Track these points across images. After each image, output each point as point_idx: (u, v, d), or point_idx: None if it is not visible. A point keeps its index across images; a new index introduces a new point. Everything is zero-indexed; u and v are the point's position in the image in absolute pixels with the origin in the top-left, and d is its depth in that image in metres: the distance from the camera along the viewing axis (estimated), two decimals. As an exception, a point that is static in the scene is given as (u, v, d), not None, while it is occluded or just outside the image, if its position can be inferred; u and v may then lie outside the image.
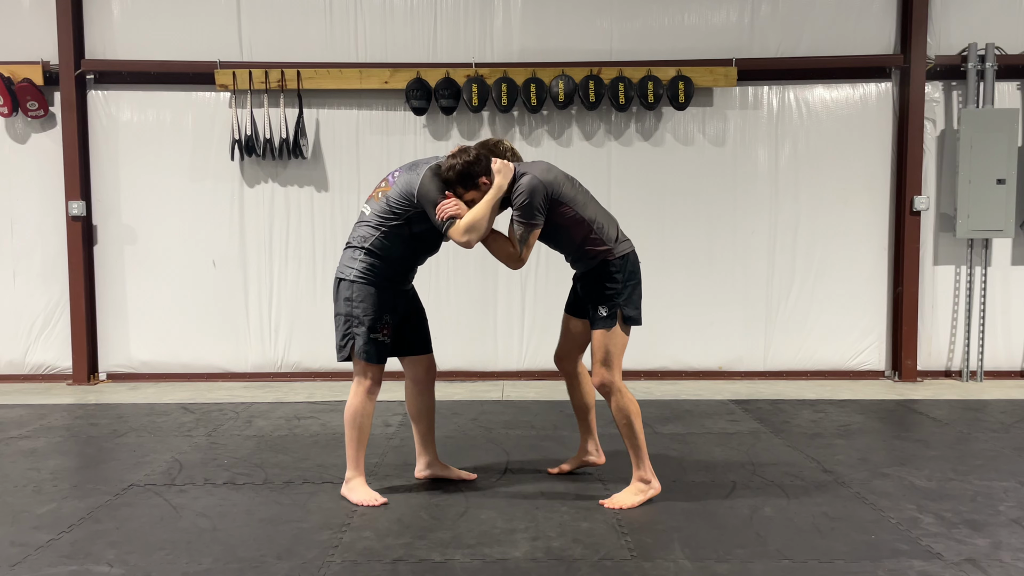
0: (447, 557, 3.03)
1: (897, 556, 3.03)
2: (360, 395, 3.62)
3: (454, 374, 6.70)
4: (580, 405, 3.96)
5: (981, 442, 4.67)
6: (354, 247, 3.59)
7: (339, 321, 3.60)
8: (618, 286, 3.55)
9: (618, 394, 3.58)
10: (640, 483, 3.63)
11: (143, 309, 6.75)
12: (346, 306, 3.56)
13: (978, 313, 6.69)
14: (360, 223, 3.62)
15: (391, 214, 3.53)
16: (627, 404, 3.58)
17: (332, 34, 6.64)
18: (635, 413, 3.59)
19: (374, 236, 3.54)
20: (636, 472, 3.64)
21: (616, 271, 3.56)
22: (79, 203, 6.53)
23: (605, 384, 3.58)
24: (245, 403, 5.87)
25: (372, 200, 3.62)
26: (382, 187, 3.61)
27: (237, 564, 2.99)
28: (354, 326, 3.55)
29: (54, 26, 6.50)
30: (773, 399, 5.94)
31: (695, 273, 6.72)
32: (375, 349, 3.57)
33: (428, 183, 3.47)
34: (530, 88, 6.37)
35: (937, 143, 6.70)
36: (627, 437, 3.60)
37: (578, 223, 3.53)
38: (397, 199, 3.52)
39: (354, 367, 3.63)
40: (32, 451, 4.57)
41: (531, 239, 3.49)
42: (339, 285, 3.60)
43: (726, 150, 6.70)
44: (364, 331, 3.54)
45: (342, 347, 3.60)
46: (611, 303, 3.54)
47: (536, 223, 3.47)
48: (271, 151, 6.53)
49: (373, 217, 3.56)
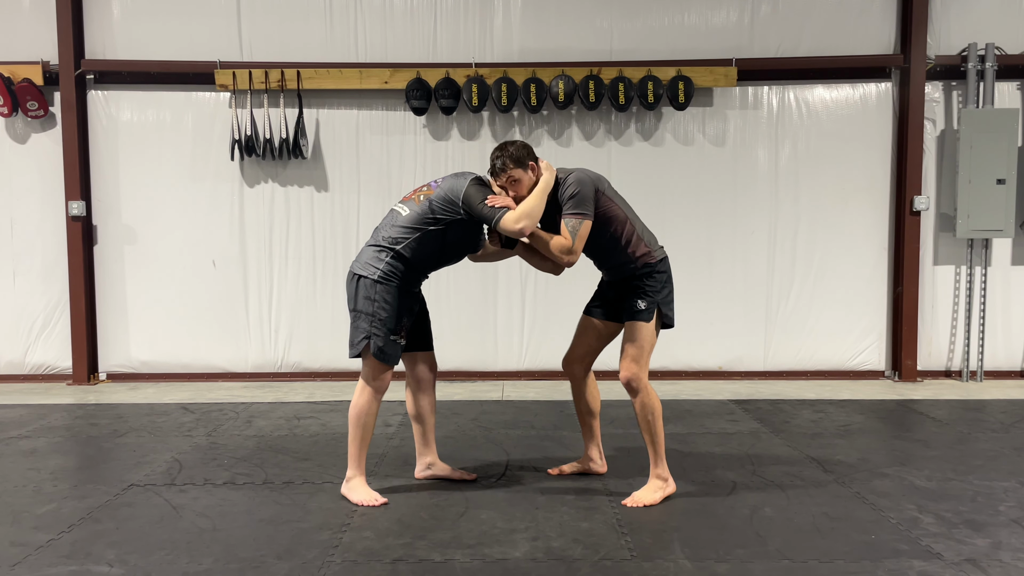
0: (447, 557, 3.03)
1: (897, 556, 3.02)
2: (367, 395, 3.62)
3: (454, 374, 6.70)
4: (587, 411, 3.95)
5: (981, 442, 4.67)
6: (382, 247, 3.55)
7: (358, 318, 3.56)
8: (658, 285, 3.61)
9: (644, 391, 3.60)
10: (658, 480, 3.65)
11: (143, 309, 6.75)
12: (368, 305, 3.53)
13: (978, 313, 6.69)
14: (392, 224, 3.58)
15: (431, 217, 3.53)
16: (652, 402, 3.61)
17: (332, 34, 6.64)
18: (659, 411, 3.62)
19: (408, 239, 3.53)
20: (654, 470, 3.65)
21: (657, 271, 3.62)
22: (79, 203, 6.53)
23: (634, 379, 3.58)
24: (245, 403, 5.87)
25: (410, 202, 3.60)
26: (424, 191, 3.60)
27: (237, 564, 2.99)
28: (375, 327, 3.53)
29: (54, 26, 6.50)
30: (773, 399, 5.94)
31: (695, 273, 6.72)
32: (393, 351, 3.57)
33: (472, 188, 3.50)
34: (530, 88, 6.37)
35: (937, 143, 6.70)
36: (648, 434, 3.62)
37: (622, 221, 3.59)
38: (441, 203, 3.52)
39: (364, 366, 3.62)
40: (32, 451, 4.57)
41: (583, 230, 3.50)
42: (358, 282, 3.56)
43: (726, 150, 6.71)
44: (384, 332, 3.53)
45: (355, 344, 3.58)
46: (650, 299, 3.58)
47: (587, 213, 3.50)
48: (271, 151, 6.53)
49: (412, 219, 3.55)
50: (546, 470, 4.08)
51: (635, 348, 3.57)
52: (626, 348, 3.60)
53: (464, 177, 3.58)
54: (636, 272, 3.62)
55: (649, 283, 3.60)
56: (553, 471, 4.04)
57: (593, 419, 3.96)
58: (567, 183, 3.53)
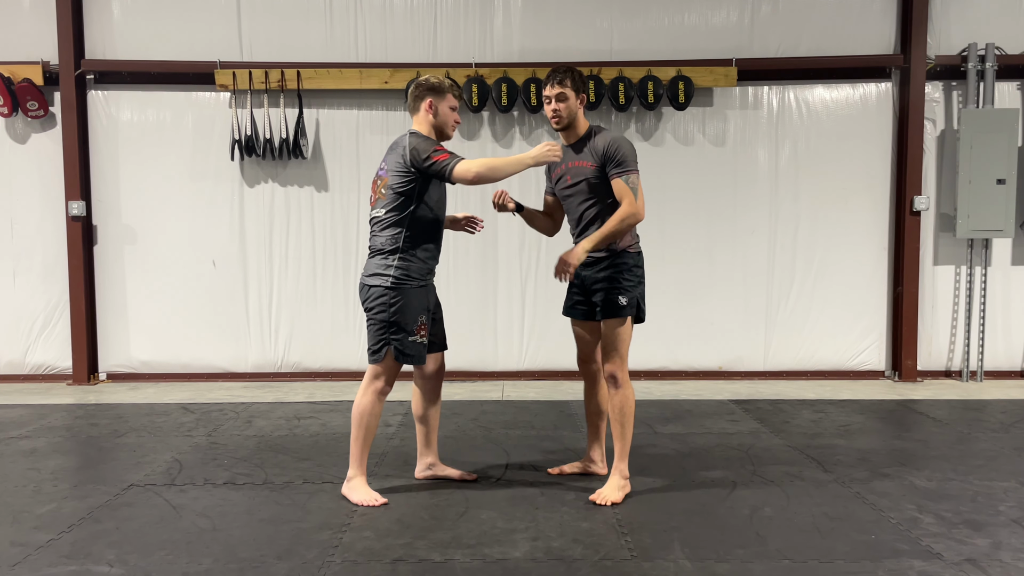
0: (447, 557, 3.03)
1: (897, 556, 3.02)
2: (371, 395, 3.62)
3: (454, 374, 6.70)
4: (596, 410, 3.95)
5: (981, 442, 4.67)
6: (385, 252, 3.55)
7: (375, 327, 3.56)
8: (635, 280, 3.62)
9: (624, 386, 3.63)
10: (621, 478, 3.67)
11: (143, 309, 6.75)
12: (384, 312, 3.53)
13: (978, 313, 6.69)
14: (380, 230, 3.57)
15: (401, 199, 3.52)
16: (630, 397, 3.66)
17: (332, 34, 6.64)
18: (633, 407, 3.68)
19: (401, 232, 3.53)
20: (619, 466, 3.68)
21: (635, 264, 3.64)
22: (79, 203, 6.53)
23: (616, 374, 3.61)
24: (245, 403, 5.87)
25: (379, 201, 3.60)
26: (380, 183, 3.60)
27: (237, 564, 2.98)
28: (392, 333, 3.53)
29: (54, 26, 6.50)
30: (773, 399, 5.94)
31: (695, 273, 6.72)
32: (416, 351, 3.57)
33: (415, 142, 3.49)
34: (530, 88, 6.37)
35: (937, 143, 6.70)
36: (620, 428, 3.65)
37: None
38: (399, 180, 3.51)
39: (371, 367, 3.62)
40: (32, 451, 4.57)
41: (639, 184, 3.56)
42: (369, 290, 3.57)
43: (726, 150, 6.71)
44: (403, 336, 3.53)
45: (375, 351, 3.57)
46: (629, 294, 3.59)
47: (636, 167, 3.56)
48: (271, 151, 6.53)
49: (391, 213, 3.54)
50: (546, 470, 4.08)
51: (618, 343, 3.61)
52: (608, 344, 3.62)
53: (400, 142, 3.56)
54: (612, 261, 3.61)
55: (628, 277, 3.61)
56: (553, 471, 4.05)
57: (602, 419, 3.97)
58: (612, 143, 3.54)
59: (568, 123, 3.63)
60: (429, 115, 3.63)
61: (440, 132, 3.66)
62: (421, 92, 3.63)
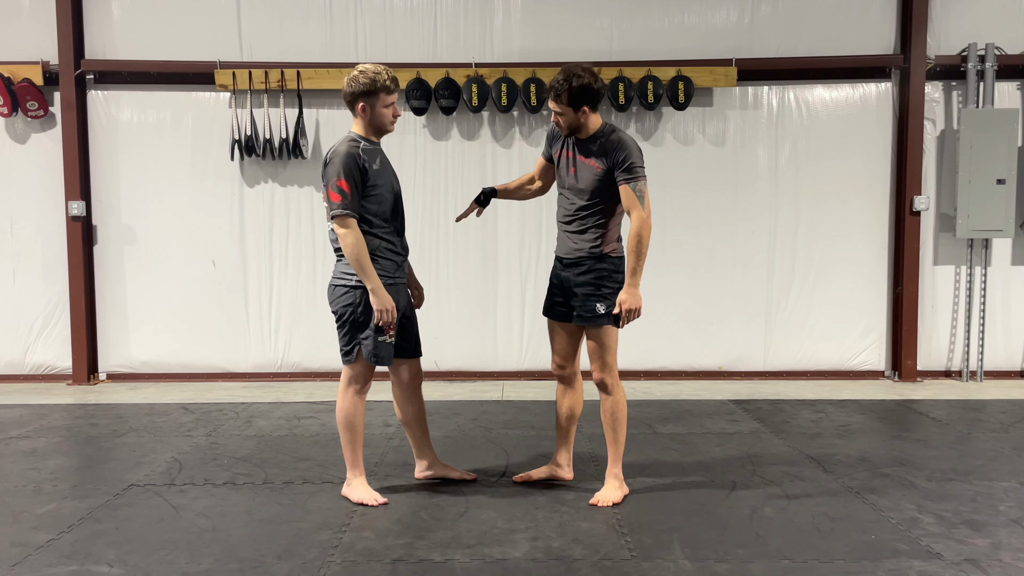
0: (447, 557, 3.03)
1: (897, 556, 3.03)
2: (350, 396, 3.61)
3: (454, 374, 6.70)
4: (570, 415, 3.87)
5: (981, 442, 4.67)
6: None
7: (343, 327, 3.56)
8: (615, 286, 3.58)
9: (615, 391, 3.63)
10: (616, 480, 3.67)
11: (143, 309, 6.75)
12: (349, 312, 3.52)
13: (978, 313, 6.69)
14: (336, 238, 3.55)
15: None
16: (621, 401, 3.66)
17: (332, 34, 6.64)
18: (625, 411, 3.68)
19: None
20: (612, 469, 3.68)
21: (616, 271, 3.60)
22: (79, 203, 6.53)
23: (606, 380, 3.61)
24: (245, 403, 5.87)
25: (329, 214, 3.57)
26: (324, 200, 3.53)
27: (237, 564, 2.99)
28: (359, 332, 3.53)
29: (54, 26, 6.49)
30: (773, 399, 5.94)
31: (695, 273, 6.72)
32: (385, 352, 3.56)
33: (333, 157, 3.46)
34: (530, 88, 6.37)
35: (937, 143, 6.70)
36: (613, 432, 3.65)
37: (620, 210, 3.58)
38: (334, 188, 3.45)
39: (344, 369, 3.62)
40: (32, 451, 4.58)
41: (647, 191, 3.53)
42: (335, 290, 3.56)
43: (726, 150, 6.71)
44: (371, 335, 3.53)
45: (347, 352, 3.58)
46: (609, 301, 3.57)
47: (645, 173, 3.52)
48: (271, 151, 6.53)
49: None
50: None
51: (603, 350, 3.59)
52: (594, 351, 3.61)
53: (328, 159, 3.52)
54: (593, 265, 3.58)
55: (608, 284, 3.58)
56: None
57: (574, 423, 3.90)
58: (621, 147, 3.48)
59: (573, 131, 3.59)
60: (364, 117, 3.56)
61: (379, 131, 3.61)
62: (353, 97, 3.54)
